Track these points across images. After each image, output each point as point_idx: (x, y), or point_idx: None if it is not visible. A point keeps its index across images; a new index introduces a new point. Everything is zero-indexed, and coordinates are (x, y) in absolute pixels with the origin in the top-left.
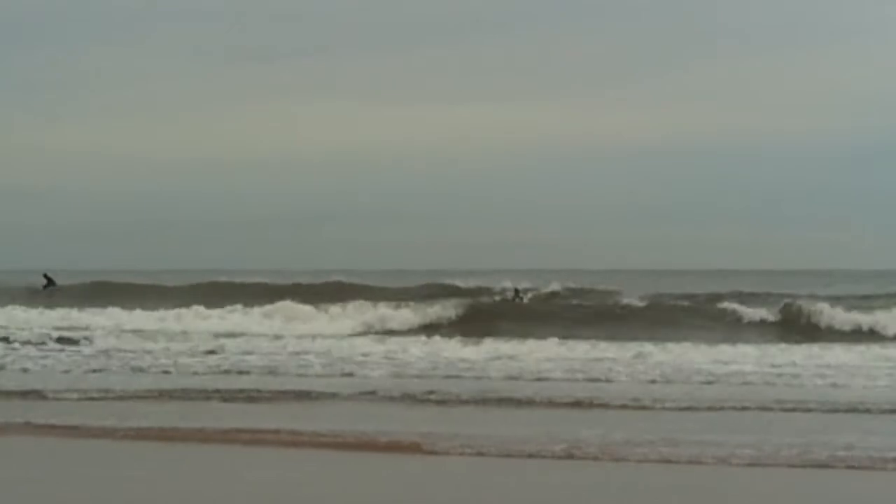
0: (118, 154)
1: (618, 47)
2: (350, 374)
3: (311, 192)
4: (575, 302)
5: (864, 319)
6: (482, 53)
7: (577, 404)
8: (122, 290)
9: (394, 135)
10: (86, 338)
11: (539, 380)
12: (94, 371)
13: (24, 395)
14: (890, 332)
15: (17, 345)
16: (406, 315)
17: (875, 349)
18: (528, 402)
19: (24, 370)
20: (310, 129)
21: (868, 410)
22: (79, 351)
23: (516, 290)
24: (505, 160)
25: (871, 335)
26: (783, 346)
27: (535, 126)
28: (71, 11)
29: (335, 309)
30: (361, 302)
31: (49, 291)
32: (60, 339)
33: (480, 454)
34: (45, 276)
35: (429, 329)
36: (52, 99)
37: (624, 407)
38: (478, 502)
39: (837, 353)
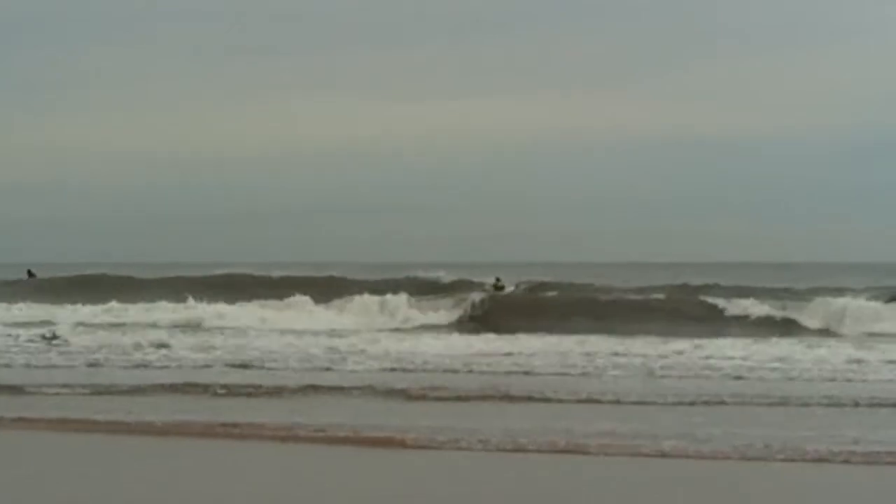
0: (118, 151)
1: (618, 47)
2: (345, 370)
3: (310, 186)
4: (563, 295)
5: (863, 315)
6: (482, 52)
7: (573, 400)
8: (117, 283)
9: (394, 130)
10: (53, 333)
11: (530, 374)
12: (91, 365)
13: (18, 389)
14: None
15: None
16: (399, 310)
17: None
18: (525, 398)
19: (26, 365)
20: (310, 126)
21: (873, 405)
22: (69, 344)
23: (497, 279)
24: (505, 156)
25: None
26: (777, 340)
27: (535, 123)
28: (71, 11)
29: (333, 304)
30: (366, 296)
31: (35, 283)
32: (52, 336)
33: (477, 450)
34: (29, 271)
35: (427, 324)
36: (51, 98)
37: (618, 402)
38: (475, 497)
39: (837, 348)
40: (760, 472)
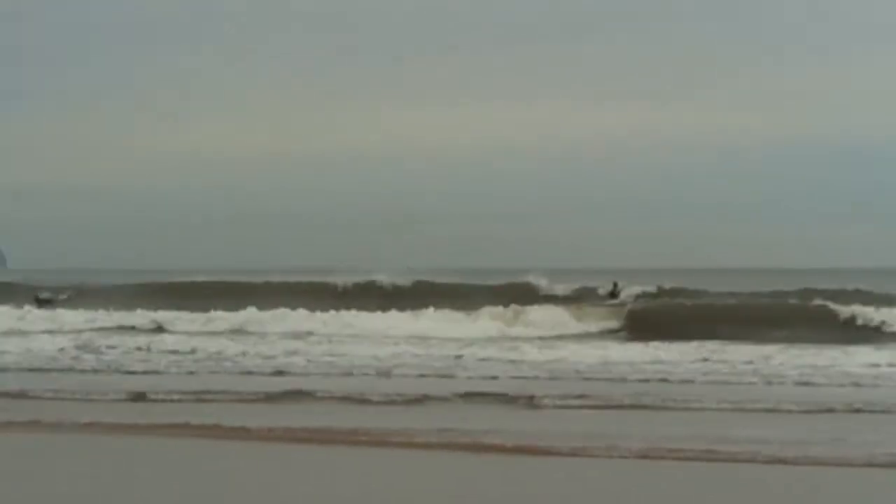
0: (209, 153)
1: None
2: (485, 378)
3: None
4: (688, 302)
5: None
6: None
7: (718, 408)
8: (230, 289)
9: (434, 136)
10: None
11: (666, 381)
12: (194, 373)
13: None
14: None
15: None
16: (531, 318)
17: None
18: (665, 406)
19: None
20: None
21: None
22: (174, 351)
23: (615, 284)
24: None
25: None
26: None
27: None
28: (159, 19)
29: (462, 311)
30: (494, 305)
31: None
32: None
33: (614, 457)
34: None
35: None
36: (167, 101)
37: (762, 410)
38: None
39: None
40: None
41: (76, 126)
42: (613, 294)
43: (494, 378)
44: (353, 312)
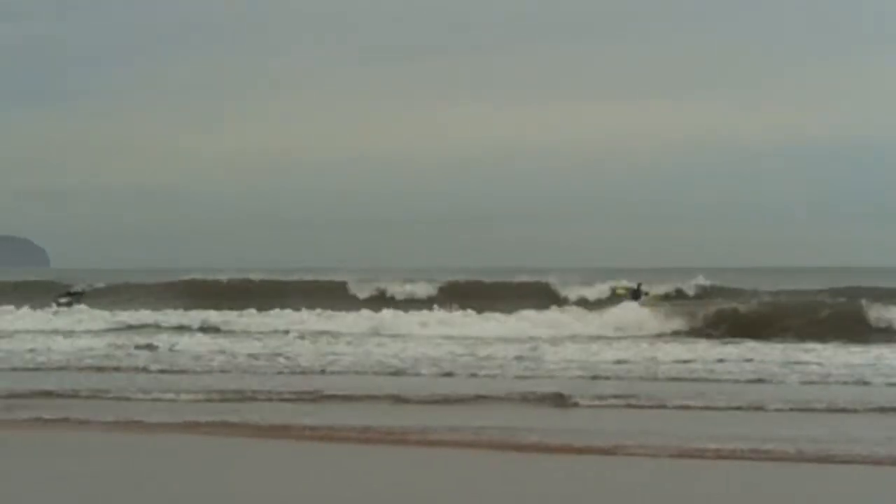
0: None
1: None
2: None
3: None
4: (726, 303)
5: None
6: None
7: (777, 409)
8: (273, 288)
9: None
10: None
11: (709, 381)
12: (245, 371)
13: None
14: None
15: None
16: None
17: None
18: (717, 406)
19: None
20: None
21: None
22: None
23: (638, 286)
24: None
25: None
26: None
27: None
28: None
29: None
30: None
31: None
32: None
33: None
34: (69, 292)
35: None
36: (203, 105)
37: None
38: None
39: None
40: None
41: (117, 128)
42: (637, 295)
43: (532, 378)
44: (392, 312)
